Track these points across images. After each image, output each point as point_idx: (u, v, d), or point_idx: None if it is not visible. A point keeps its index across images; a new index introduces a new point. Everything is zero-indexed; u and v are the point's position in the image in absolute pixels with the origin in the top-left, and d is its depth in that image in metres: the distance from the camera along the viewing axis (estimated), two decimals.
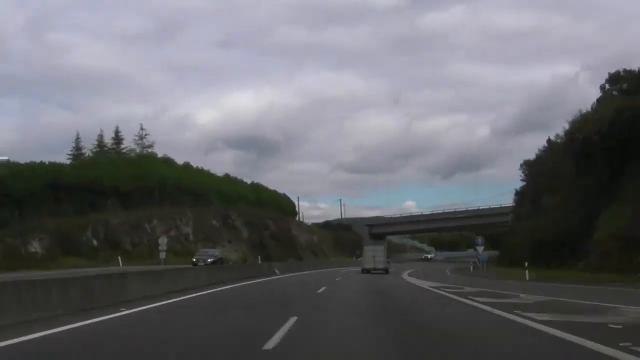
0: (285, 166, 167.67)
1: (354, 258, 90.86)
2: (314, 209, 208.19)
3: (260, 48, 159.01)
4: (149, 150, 65.87)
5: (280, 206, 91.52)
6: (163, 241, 48.95)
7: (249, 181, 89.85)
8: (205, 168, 75.36)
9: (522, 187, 68.59)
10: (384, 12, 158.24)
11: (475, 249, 53.14)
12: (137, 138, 67.93)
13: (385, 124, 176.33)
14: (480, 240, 51.80)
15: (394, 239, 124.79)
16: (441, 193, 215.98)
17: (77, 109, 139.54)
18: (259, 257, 68.80)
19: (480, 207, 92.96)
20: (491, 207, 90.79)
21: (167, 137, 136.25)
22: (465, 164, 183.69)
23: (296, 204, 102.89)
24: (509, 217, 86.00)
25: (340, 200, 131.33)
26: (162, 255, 47.50)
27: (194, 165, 72.90)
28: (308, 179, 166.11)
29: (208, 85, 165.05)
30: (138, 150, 64.60)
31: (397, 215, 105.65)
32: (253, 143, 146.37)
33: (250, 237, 73.54)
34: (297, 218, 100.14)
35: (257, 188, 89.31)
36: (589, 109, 50.20)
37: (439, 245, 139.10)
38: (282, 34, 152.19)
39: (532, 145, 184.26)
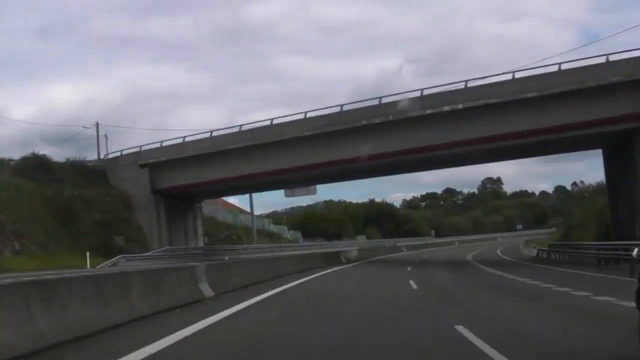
0: None
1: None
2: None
3: (79, 38, 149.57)
4: None
5: None
6: None
7: None
8: None
9: None
10: (207, 2, 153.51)
11: None
12: None
13: (209, 118, 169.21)
14: None
15: (220, 212, 60.45)
16: (270, 195, 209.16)
17: None
18: None
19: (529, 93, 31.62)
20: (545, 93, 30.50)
21: None
22: None
23: None
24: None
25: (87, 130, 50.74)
26: None
27: None
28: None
29: (24, 78, 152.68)
30: None
31: (233, 130, 39.35)
32: (72, 139, 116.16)
33: None
34: None
35: None
36: None
37: (304, 230, 76.74)
38: (101, 24, 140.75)
39: None
